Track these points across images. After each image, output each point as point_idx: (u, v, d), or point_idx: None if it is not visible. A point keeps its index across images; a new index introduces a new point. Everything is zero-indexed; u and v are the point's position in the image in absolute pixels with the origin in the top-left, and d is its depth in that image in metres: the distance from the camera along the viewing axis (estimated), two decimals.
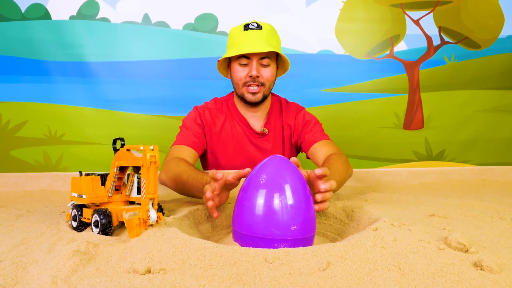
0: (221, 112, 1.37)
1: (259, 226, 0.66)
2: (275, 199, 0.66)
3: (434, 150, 2.36)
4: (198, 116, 1.34)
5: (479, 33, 2.33)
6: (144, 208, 0.65)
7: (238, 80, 1.29)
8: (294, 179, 0.69)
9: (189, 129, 1.31)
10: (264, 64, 1.26)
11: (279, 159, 0.72)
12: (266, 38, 1.23)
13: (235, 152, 1.37)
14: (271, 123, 1.38)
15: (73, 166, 2.12)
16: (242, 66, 1.26)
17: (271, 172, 0.69)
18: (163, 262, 0.54)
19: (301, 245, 0.66)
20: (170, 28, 2.17)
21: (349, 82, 2.29)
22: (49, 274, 0.50)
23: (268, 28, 1.25)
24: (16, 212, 0.94)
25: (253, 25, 1.23)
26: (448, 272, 0.50)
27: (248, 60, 1.25)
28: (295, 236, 0.66)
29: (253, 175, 0.71)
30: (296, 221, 0.66)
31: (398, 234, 0.64)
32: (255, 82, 1.26)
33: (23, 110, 2.10)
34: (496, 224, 0.77)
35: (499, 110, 2.37)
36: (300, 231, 0.66)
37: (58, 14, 2.08)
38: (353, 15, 2.27)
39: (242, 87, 1.29)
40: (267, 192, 0.67)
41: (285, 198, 0.66)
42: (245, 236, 0.68)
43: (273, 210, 0.66)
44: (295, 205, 0.66)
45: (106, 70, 2.12)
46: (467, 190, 1.27)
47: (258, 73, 1.24)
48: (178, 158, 1.13)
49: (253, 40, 1.22)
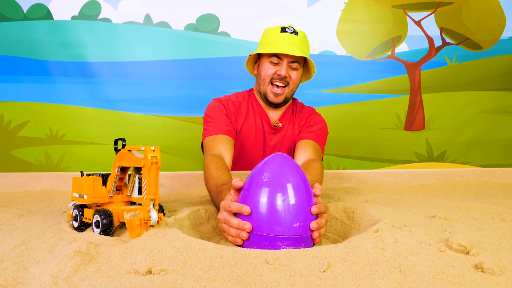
0: (244, 105, 1.40)
1: (262, 224, 0.67)
2: (278, 198, 0.67)
3: (435, 151, 2.35)
4: (222, 106, 1.36)
5: (481, 34, 2.32)
6: (145, 208, 0.66)
7: (266, 76, 1.33)
8: (296, 177, 0.69)
9: (216, 118, 1.32)
10: (293, 68, 1.31)
11: (281, 157, 0.72)
12: (300, 44, 1.30)
13: (255, 144, 1.39)
14: (286, 119, 1.42)
15: (74, 166, 2.12)
16: (272, 64, 1.31)
17: (273, 170, 0.70)
18: (164, 263, 0.54)
19: (303, 242, 0.68)
20: (172, 28, 2.17)
21: (351, 83, 2.29)
22: (50, 274, 0.51)
23: (302, 35, 1.33)
24: (18, 212, 0.94)
25: (290, 29, 1.31)
26: (449, 274, 0.50)
27: (279, 60, 1.30)
28: (297, 233, 0.67)
29: (256, 173, 0.71)
30: (298, 219, 0.67)
31: (399, 235, 0.64)
32: (282, 81, 1.31)
33: (25, 110, 2.10)
34: (497, 226, 0.77)
35: (500, 111, 2.37)
36: (303, 228, 0.67)
37: (60, 14, 2.09)
38: (354, 16, 2.27)
39: (267, 85, 1.33)
40: (270, 190, 0.68)
41: (287, 196, 0.67)
42: (252, 235, 0.69)
43: (276, 208, 0.67)
44: (297, 203, 0.67)
45: (107, 70, 2.12)
46: (468, 192, 1.27)
47: (286, 73, 1.30)
48: (212, 156, 1.13)
49: (287, 43, 1.28)
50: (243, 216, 0.70)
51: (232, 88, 2.17)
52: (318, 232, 0.69)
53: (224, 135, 1.26)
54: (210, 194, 0.99)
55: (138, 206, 0.78)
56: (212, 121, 1.31)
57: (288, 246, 0.66)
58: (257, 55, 1.39)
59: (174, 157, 2.19)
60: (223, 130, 1.27)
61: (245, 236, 0.69)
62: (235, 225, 0.71)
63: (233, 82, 2.19)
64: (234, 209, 0.72)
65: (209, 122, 1.31)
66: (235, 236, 0.71)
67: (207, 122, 1.32)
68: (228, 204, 0.74)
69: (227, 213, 0.73)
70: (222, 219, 0.75)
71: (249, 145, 1.38)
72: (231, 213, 0.73)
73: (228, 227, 0.73)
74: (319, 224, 0.69)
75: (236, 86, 2.17)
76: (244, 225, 0.69)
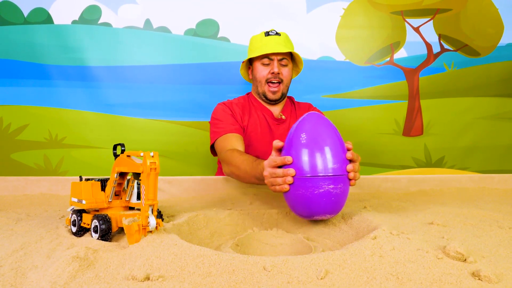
0: (246, 105, 1.54)
1: (305, 167, 0.81)
2: (318, 144, 0.82)
3: (433, 157, 2.36)
4: (227, 108, 1.48)
5: (479, 40, 2.34)
6: (143, 214, 0.66)
7: (262, 78, 1.48)
8: (329, 128, 0.86)
9: (224, 119, 1.43)
10: (283, 64, 1.47)
11: (315, 115, 0.88)
12: (284, 42, 1.45)
13: (262, 136, 1.50)
14: (287, 112, 1.58)
15: (73, 170, 2.12)
16: (264, 65, 1.47)
17: (310, 125, 0.85)
18: (162, 269, 0.54)
19: (341, 182, 0.82)
20: (172, 33, 2.17)
21: (349, 88, 2.29)
22: (48, 280, 0.51)
23: (285, 35, 1.49)
24: (16, 216, 0.94)
25: (273, 32, 1.47)
26: (446, 282, 0.51)
27: (269, 60, 1.46)
28: (336, 173, 0.81)
29: (294, 130, 0.86)
30: (336, 161, 0.82)
31: (396, 242, 0.64)
32: (276, 78, 1.46)
33: (24, 113, 2.10)
34: (495, 233, 0.77)
35: (498, 117, 2.37)
36: (340, 169, 0.82)
37: (60, 19, 2.09)
38: (353, 22, 2.28)
39: (264, 85, 1.48)
40: (310, 139, 0.83)
41: (325, 142, 0.83)
42: (297, 179, 0.82)
43: (317, 153, 0.82)
44: (333, 147, 0.83)
45: (107, 75, 2.12)
46: (466, 198, 1.27)
47: (279, 70, 1.45)
48: (231, 150, 1.25)
49: (274, 43, 1.44)
50: (287, 166, 0.83)
51: (232, 93, 2.17)
52: (354, 174, 0.83)
53: (234, 133, 1.38)
54: (246, 173, 1.09)
55: (137, 211, 0.78)
56: (220, 123, 1.42)
57: (329, 185, 0.80)
58: (249, 61, 1.55)
59: (173, 162, 2.19)
60: (232, 129, 1.39)
61: (291, 180, 0.82)
62: (281, 173, 0.84)
63: (233, 87, 2.20)
64: (278, 162, 0.85)
65: (217, 124, 1.42)
66: (282, 183, 0.84)
67: (215, 124, 1.43)
68: (272, 159, 0.87)
69: (271, 168, 0.86)
70: (268, 174, 0.87)
71: (257, 138, 1.49)
72: (276, 167, 0.86)
73: (275, 178, 0.85)
74: (354, 166, 0.83)
75: (236, 91, 2.18)
76: (288, 170, 0.82)
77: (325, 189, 0.80)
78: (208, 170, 2.18)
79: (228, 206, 1.03)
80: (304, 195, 0.82)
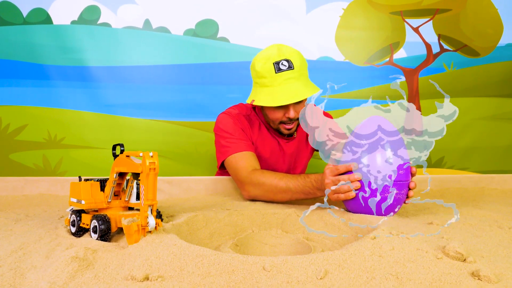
0: (253, 120, 1.36)
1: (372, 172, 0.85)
2: (386, 151, 0.85)
3: (433, 157, 2.36)
4: (236, 121, 1.30)
5: (478, 41, 2.34)
6: (143, 214, 0.66)
7: (275, 120, 1.27)
8: (394, 136, 0.88)
9: (235, 134, 1.27)
10: (299, 102, 1.23)
11: (376, 118, 0.91)
12: (299, 75, 1.18)
13: (273, 154, 1.39)
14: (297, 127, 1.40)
15: (72, 170, 2.12)
16: (277, 109, 1.23)
17: (374, 132, 0.88)
18: (161, 269, 0.54)
19: (404, 188, 0.87)
20: (171, 33, 2.18)
21: (349, 88, 2.30)
22: (47, 281, 0.51)
23: (298, 64, 1.18)
24: (15, 217, 0.94)
25: (284, 64, 1.16)
26: (446, 282, 0.51)
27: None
28: (402, 178, 0.86)
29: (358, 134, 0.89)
30: (402, 167, 0.86)
31: (396, 243, 0.64)
32: (292, 121, 1.26)
33: (23, 114, 2.10)
34: (495, 233, 0.77)
35: (498, 118, 2.38)
36: (405, 175, 0.87)
37: (59, 19, 2.09)
38: (353, 22, 2.28)
39: (278, 125, 1.29)
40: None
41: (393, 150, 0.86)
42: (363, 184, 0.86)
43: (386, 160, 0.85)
44: (401, 154, 0.86)
45: (106, 75, 2.12)
46: (465, 198, 1.27)
47: (294, 114, 1.22)
48: (258, 170, 1.17)
49: (288, 85, 1.17)
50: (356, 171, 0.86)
51: (231, 93, 2.17)
52: (414, 183, 0.89)
53: (250, 152, 1.24)
54: (287, 191, 1.06)
55: (136, 211, 0.78)
56: (231, 137, 1.26)
57: (394, 191, 0.85)
58: None
59: (172, 162, 2.18)
60: (247, 146, 1.25)
61: (358, 185, 0.84)
62: (346, 179, 0.86)
63: (232, 87, 2.20)
64: (342, 169, 0.88)
65: (228, 138, 1.26)
66: (348, 190, 0.86)
67: (226, 138, 1.26)
68: (335, 167, 0.89)
69: (334, 176, 0.89)
70: (331, 181, 0.89)
71: (266, 157, 1.37)
72: (338, 174, 0.88)
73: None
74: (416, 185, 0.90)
75: (235, 91, 2.18)
76: (355, 175, 0.84)
77: (390, 193, 0.85)
78: (207, 170, 2.18)
79: (228, 207, 1.03)
80: (367, 199, 0.86)
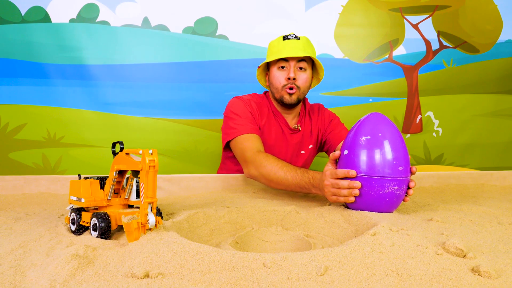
0: (263, 105, 1.47)
1: (373, 168, 0.85)
2: (386, 147, 0.85)
3: (432, 154, 2.36)
4: (247, 104, 1.40)
5: (478, 37, 2.34)
6: (142, 212, 0.66)
7: (278, 84, 1.40)
8: (392, 129, 0.88)
9: (244, 116, 1.37)
10: (301, 67, 1.38)
11: (376, 115, 0.91)
12: (303, 47, 1.36)
13: (276, 142, 1.46)
14: (303, 121, 1.52)
15: (72, 169, 2.12)
16: (280, 70, 1.39)
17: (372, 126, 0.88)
18: (161, 266, 0.54)
19: (404, 184, 0.87)
20: (170, 31, 2.17)
21: (348, 86, 2.29)
22: (47, 278, 0.50)
23: (305, 39, 1.39)
24: (15, 215, 0.94)
25: (291, 35, 1.38)
26: (446, 278, 0.51)
27: (286, 63, 1.37)
28: (402, 175, 0.86)
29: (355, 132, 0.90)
30: (401, 163, 0.86)
31: (396, 239, 0.64)
32: (292, 85, 1.37)
33: (22, 112, 2.10)
34: (494, 229, 0.77)
35: (497, 114, 2.38)
36: (405, 171, 0.87)
37: (58, 17, 2.09)
38: (352, 19, 2.28)
39: (281, 90, 1.40)
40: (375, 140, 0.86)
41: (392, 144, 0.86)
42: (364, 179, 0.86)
43: (385, 154, 0.85)
44: (399, 149, 0.86)
45: (105, 73, 2.12)
46: (465, 195, 1.27)
47: (295, 75, 1.37)
48: (262, 152, 1.23)
49: (290, 47, 1.35)
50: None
51: (230, 91, 2.17)
52: (414, 182, 0.90)
53: (256, 135, 1.32)
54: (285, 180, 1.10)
55: (136, 209, 0.78)
56: (239, 119, 1.35)
57: (394, 186, 0.85)
58: (267, 67, 1.48)
59: (172, 160, 2.18)
60: (254, 129, 1.34)
61: (358, 192, 0.86)
62: (346, 186, 0.87)
63: (231, 85, 2.19)
64: (340, 175, 0.89)
65: (235, 120, 1.36)
66: (347, 195, 0.87)
67: (233, 119, 1.36)
68: (334, 172, 0.90)
69: (333, 179, 0.90)
70: (330, 184, 0.91)
71: (270, 144, 1.45)
72: (338, 178, 0.89)
73: (338, 190, 0.89)
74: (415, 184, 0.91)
75: (234, 89, 2.17)
76: (354, 183, 0.86)
77: (390, 189, 0.85)
78: (207, 168, 2.18)
79: (228, 204, 1.03)
80: (368, 195, 0.86)
